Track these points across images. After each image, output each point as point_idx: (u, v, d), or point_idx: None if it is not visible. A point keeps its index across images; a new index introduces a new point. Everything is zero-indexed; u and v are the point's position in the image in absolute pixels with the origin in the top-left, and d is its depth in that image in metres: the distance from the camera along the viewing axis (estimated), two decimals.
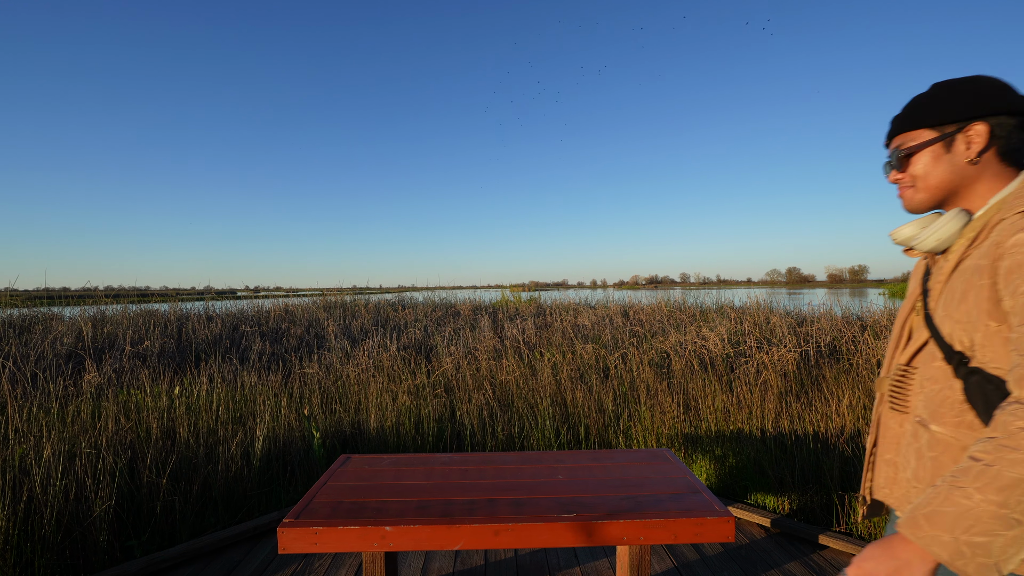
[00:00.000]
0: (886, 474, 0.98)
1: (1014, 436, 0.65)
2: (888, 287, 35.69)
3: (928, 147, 0.87)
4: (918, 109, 0.89)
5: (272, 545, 2.37)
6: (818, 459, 2.67)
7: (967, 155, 0.84)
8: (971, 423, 0.81)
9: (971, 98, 0.83)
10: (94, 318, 6.87)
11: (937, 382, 0.85)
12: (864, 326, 5.72)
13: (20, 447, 2.38)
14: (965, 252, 0.83)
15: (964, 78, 0.86)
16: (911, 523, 0.70)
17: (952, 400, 0.83)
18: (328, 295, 11.97)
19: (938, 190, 0.88)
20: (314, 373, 4.80)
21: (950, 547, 0.65)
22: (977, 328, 0.78)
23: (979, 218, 0.84)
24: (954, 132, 0.85)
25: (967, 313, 0.79)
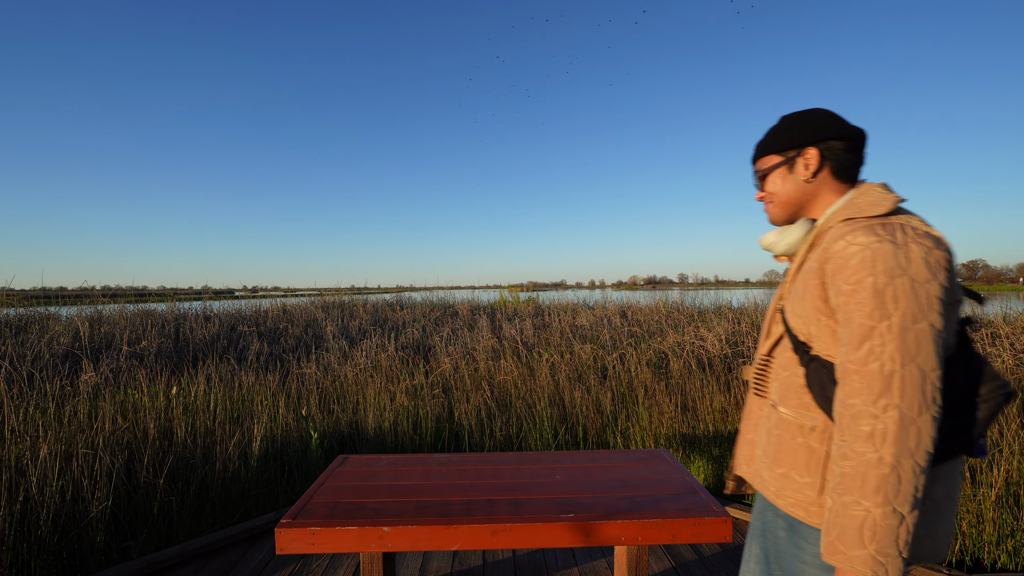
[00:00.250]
0: (746, 452, 1.11)
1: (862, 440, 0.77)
2: None
3: (776, 169, 1.03)
4: (769, 138, 1.05)
5: (270, 546, 2.37)
6: None
7: (805, 175, 1.00)
8: (808, 404, 0.93)
9: (806, 127, 0.99)
10: (91, 318, 6.85)
11: (787, 369, 0.98)
12: None
13: (16, 447, 2.37)
14: (805, 256, 0.97)
15: (804, 111, 1.02)
16: (831, 551, 0.80)
17: (796, 385, 0.96)
18: (326, 295, 11.95)
19: (789, 205, 1.03)
20: (312, 373, 4.79)
21: (869, 560, 0.75)
22: (812, 322, 0.91)
23: (816, 226, 0.98)
24: (794, 156, 1.00)
25: (805, 308, 0.92)
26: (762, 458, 1.02)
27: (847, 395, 0.80)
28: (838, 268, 0.84)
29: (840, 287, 0.83)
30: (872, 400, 0.77)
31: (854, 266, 0.81)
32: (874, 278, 0.79)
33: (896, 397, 0.76)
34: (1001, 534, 2.08)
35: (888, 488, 0.74)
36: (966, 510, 2.17)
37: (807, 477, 0.92)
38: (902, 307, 0.78)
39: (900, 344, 0.77)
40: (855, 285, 0.81)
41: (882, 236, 0.81)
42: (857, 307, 0.80)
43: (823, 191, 1.00)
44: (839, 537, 0.78)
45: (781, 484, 0.96)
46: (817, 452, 0.91)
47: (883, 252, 0.80)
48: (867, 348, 0.78)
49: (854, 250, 0.82)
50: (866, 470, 0.76)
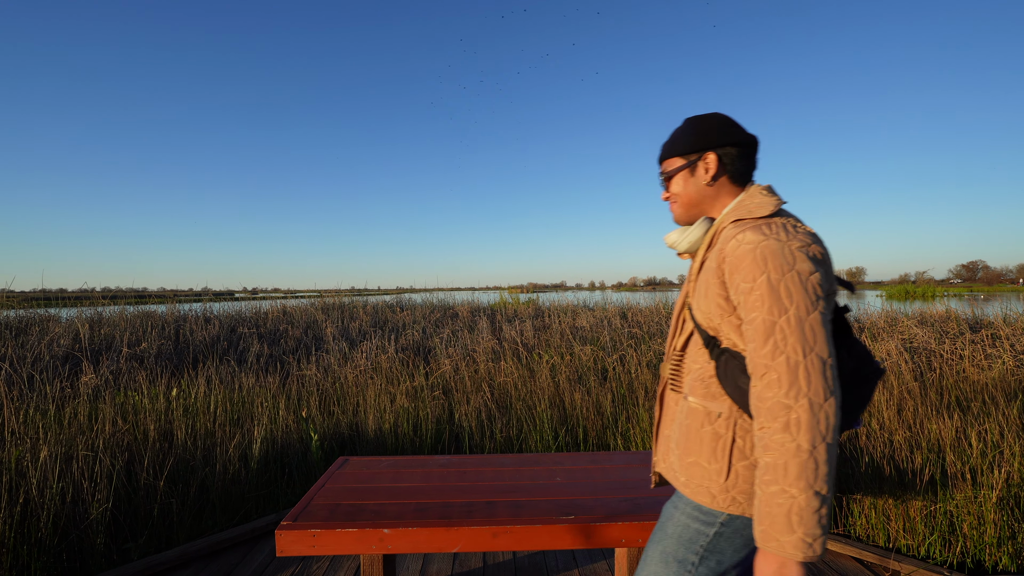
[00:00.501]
0: (664, 447, 1.13)
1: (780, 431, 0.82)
2: (886, 289, 35.74)
3: (680, 172, 1.09)
4: (673, 141, 1.10)
5: (270, 547, 2.37)
6: None
7: (706, 178, 1.06)
8: (715, 393, 0.99)
9: (706, 133, 1.05)
10: (91, 319, 6.85)
11: (698, 363, 1.04)
12: (862, 328, 5.74)
13: (16, 449, 2.37)
14: (705, 255, 1.02)
15: (705, 116, 1.08)
16: (764, 539, 0.85)
17: (706, 376, 1.01)
18: (326, 296, 11.95)
19: (691, 206, 1.10)
20: (312, 375, 4.79)
21: (800, 544, 0.81)
22: (716, 317, 0.97)
23: (713, 226, 1.05)
24: (696, 160, 1.06)
25: (709, 306, 0.97)
26: (675, 449, 1.06)
27: (762, 390, 0.85)
28: (734, 267, 0.91)
29: (739, 285, 0.90)
30: (784, 392, 0.82)
31: (748, 265, 0.88)
32: (767, 275, 0.86)
33: (804, 386, 0.81)
34: (1002, 536, 2.08)
35: (808, 473, 0.80)
36: (967, 512, 2.17)
37: (714, 464, 0.97)
38: (795, 300, 0.85)
39: (800, 336, 0.83)
40: (752, 283, 0.88)
41: (768, 235, 0.89)
42: (757, 304, 0.87)
43: (721, 194, 1.07)
44: (771, 525, 0.83)
45: (691, 473, 1.01)
46: (724, 438, 0.97)
47: (771, 249, 0.88)
48: (772, 344, 0.85)
49: (746, 249, 0.89)
50: (787, 459, 0.81)
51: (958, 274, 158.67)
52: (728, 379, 0.96)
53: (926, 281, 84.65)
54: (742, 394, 0.94)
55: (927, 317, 6.15)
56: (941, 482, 2.31)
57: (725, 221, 1.01)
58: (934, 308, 6.65)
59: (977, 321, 5.89)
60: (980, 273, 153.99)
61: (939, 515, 2.21)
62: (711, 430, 0.99)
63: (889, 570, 2.13)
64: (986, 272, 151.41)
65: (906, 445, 2.64)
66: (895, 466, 2.45)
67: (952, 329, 5.39)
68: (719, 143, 1.04)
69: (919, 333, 5.17)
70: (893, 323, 5.86)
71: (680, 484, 1.04)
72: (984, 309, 6.54)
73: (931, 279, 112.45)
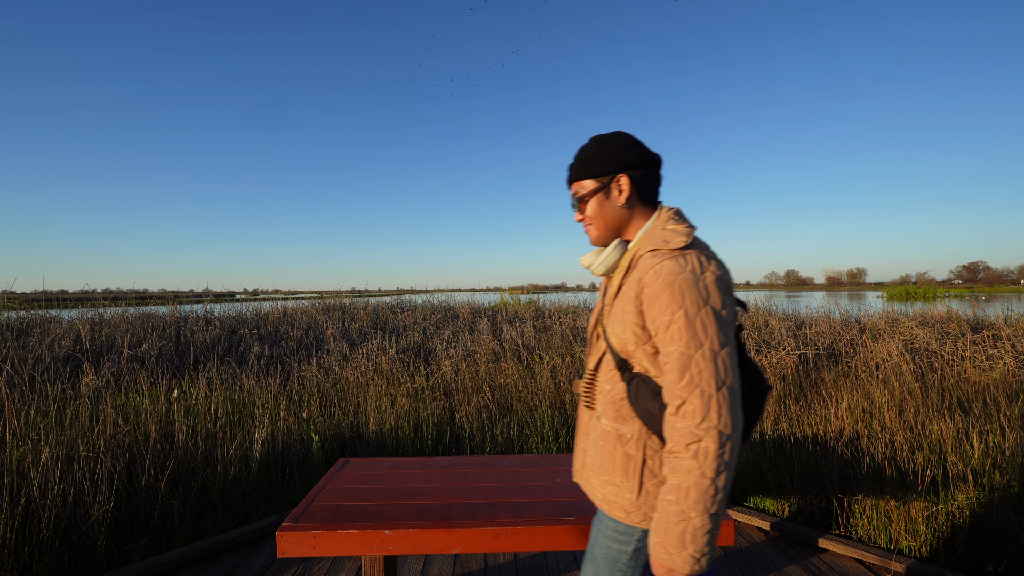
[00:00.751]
0: (580, 461, 1.19)
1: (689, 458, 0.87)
2: (887, 290, 35.69)
3: (594, 195, 1.08)
4: (584, 162, 1.09)
5: (271, 549, 2.37)
6: (817, 462, 2.67)
7: (620, 200, 1.07)
8: (625, 416, 1.04)
9: (617, 154, 1.05)
10: (92, 321, 6.86)
11: (610, 383, 1.07)
12: (863, 329, 5.73)
13: (18, 450, 2.38)
14: (623, 280, 1.04)
15: (611, 135, 1.09)
16: (658, 550, 0.92)
17: (617, 398, 1.05)
18: (327, 298, 11.96)
19: (607, 228, 1.10)
20: (313, 376, 4.79)
21: (688, 559, 0.88)
22: (629, 344, 1.00)
23: (629, 250, 1.06)
24: (609, 183, 1.07)
25: (625, 332, 1.00)
26: (591, 467, 1.12)
27: (676, 419, 0.90)
28: (652, 299, 0.94)
29: (657, 317, 0.93)
30: (696, 423, 0.87)
31: (666, 299, 0.92)
32: (684, 310, 0.90)
33: (715, 419, 0.86)
34: (1004, 537, 2.07)
35: (707, 499, 0.86)
36: (969, 513, 2.17)
37: (627, 483, 1.02)
38: (710, 335, 0.90)
39: (713, 370, 0.88)
40: (671, 316, 0.91)
41: (684, 267, 0.93)
42: (675, 338, 0.91)
43: (635, 215, 1.09)
44: (664, 538, 0.90)
45: (606, 491, 1.07)
46: (635, 459, 1.02)
47: (688, 283, 0.91)
48: (688, 377, 0.89)
49: (664, 282, 0.92)
50: (690, 484, 0.87)
51: (959, 275, 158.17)
52: (639, 403, 1.00)
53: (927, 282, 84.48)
54: (652, 417, 0.98)
55: (928, 318, 6.14)
56: (943, 483, 2.30)
57: (642, 249, 1.02)
58: (935, 309, 6.65)
59: (978, 322, 5.88)
60: (981, 274, 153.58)
61: (941, 516, 2.21)
62: (623, 451, 1.03)
63: (891, 571, 2.12)
64: (987, 273, 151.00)
65: (907, 446, 2.64)
66: (896, 467, 2.45)
67: (953, 330, 5.38)
68: (630, 164, 1.05)
69: (920, 334, 5.16)
70: (894, 324, 5.85)
71: (598, 500, 1.10)
72: (985, 310, 6.53)
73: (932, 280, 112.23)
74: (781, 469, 2.72)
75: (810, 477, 2.64)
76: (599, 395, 1.11)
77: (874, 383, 3.82)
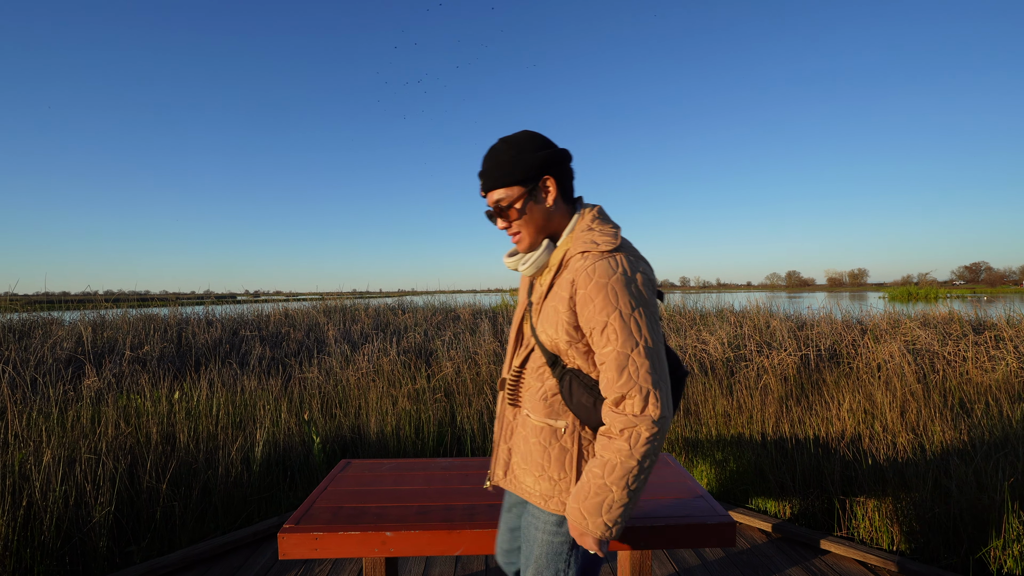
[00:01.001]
0: (502, 463, 1.18)
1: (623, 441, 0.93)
2: (888, 291, 35.62)
3: (523, 200, 1.07)
4: (507, 168, 1.05)
5: (272, 551, 2.37)
6: (819, 463, 2.66)
7: (548, 202, 1.08)
8: (558, 410, 1.07)
9: (538, 156, 1.05)
10: (94, 323, 6.87)
11: (539, 380, 1.09)
12: (864, 330, 5.73)
13: (20, 452, 2.38)
14: (553, 279, 1.07)
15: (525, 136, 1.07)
16: (575, 514, 0.98)
17: (548, 395, 1.08)
18: (328, 299, 11.96)
19: (538, 232, 1.10)
20: (314, 378, 4.79)
21: (601, 526, 0.96)
22: (561, 342, 1.04)
23: (557, 251, 1.09)
24: (536, 185, 1.06)
25: (557, 331, 1.03)
26: (522, 464, 1.12)
27: (619, 410, 0.95)
28: (586, 300, 0.97)
29: (592, 318, 0.97)
30: (634, 413, 0.93)
31: (600, 301, 0.96)
32: (619, 311, 0.95)
33: (652, 411, 0.93)
34: (1007, 539, 2.07)
35: (629, 477, 0.93)
36: (971, 514, 2.16)
37: (565, 475, 1.06)
38: (644, 334, 0.95)
39: (648, 366, 0.94)
40: (606, 318, 0.95)
41: (616, 269, 0.97)
42: (612, 338, 0.95)
43: (558, 215, 1.10)
44: (583, 504, 0.97)
45: (543, 486, 1.08)
46: (570, 452, 1.06)
47: (621, 284, 0.96)
48: (626, 374, 0.94)
49: (598, 284, 0.96)
50: (617, 462, 0.94)
51: (961, 275, 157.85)
52: (572, 397, 1.04)
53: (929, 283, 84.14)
54: (586, 410, 1.02)
55: (930, 319, 6.13)
56: (945, 484, 2.30)
57: (572, 250, 1.04)
58: (937, 310, 6.63)
59: (980, 323, 5.87)
60: (983, 274, 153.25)
61: (943, 518, 2.21)
62: (559, 446, 1.07)
63: (893, 573, 2.12)
64: (989, 273, 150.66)
65: (909, 447, 2.63)
66: (899, 469, 2.44)
67: (955, 331, 5.37)
68: (552, 164, 1.06)
69: (922, 335, 5.15)
70: (896, 325, 5.84)
71: (535, 497, 1.10)
72: (987, 311, 6.52)
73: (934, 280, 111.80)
74: (783, 470, 2.72)
75: (812, 478, 2.63)
76: (526, 392, 1.12)
77: (876, 384, 3.82)
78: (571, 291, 1.01)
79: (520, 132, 1.08)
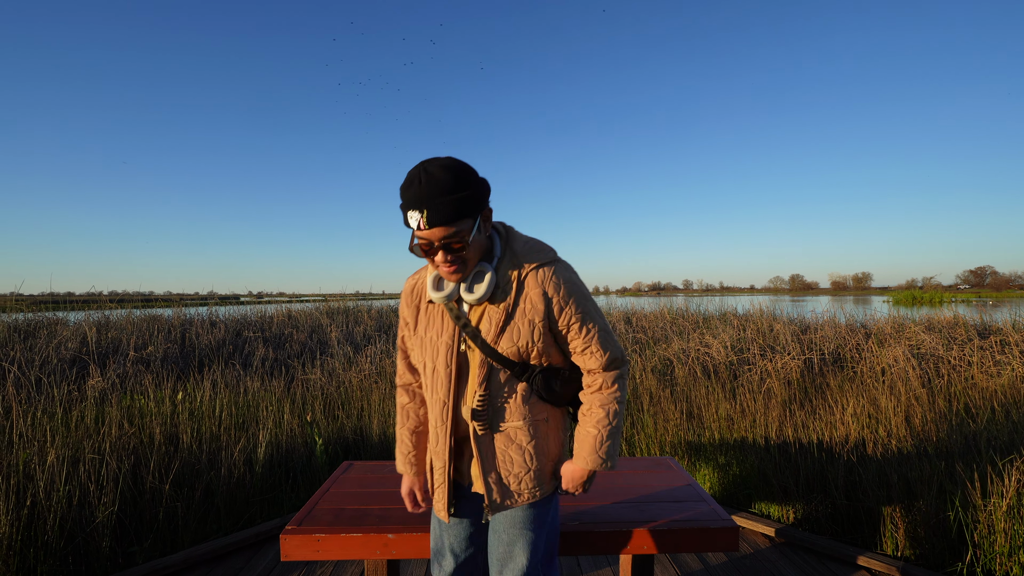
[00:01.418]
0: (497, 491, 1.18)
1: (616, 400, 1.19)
2: (892, 295, 35.45)
3: (468, 232, 1.06)
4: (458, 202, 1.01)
5: (274, 552, 2.37)
6: (823, 468, 2.65)
7: (487, 230, 1.14)
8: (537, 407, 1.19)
9: (482, 186, 1.08)
10: (98, 323, 6.90)
11: (507, 391, 1.16)
12: (868, 334, 5.70)
13: (24, 452, 2.39)
14: (513, 299, 1.12)
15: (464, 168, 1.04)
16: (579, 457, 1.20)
17: (520, 400, 1.17)
18: (331, 301, 11.99)
19: (475, 260, 1.12)
20: (317, 379, 4.80)
21: (597, 461, 1.18)
22: (536, 344, 1.13)
23: (507, 271, 1.13)
24: (478, 216, 1.08)
25: (529, 338, 1.12)
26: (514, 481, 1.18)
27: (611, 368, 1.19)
28: (563, 301, 1.12)
29: (571, 313, 1.14)
30: (619, 367, 1.20)
31: (575, 299, 1.14)
32: (587, 302, 1.16)
33: (624, 372, 1.21)
34: (1013, 545, 2.05)
35: (618, 423, 1.20)
36: (977, 520, 2.14)
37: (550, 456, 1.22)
38: (600, 313, 1.20)
39: (611, 335, 1.20)
40: (583, 310, 1.15)
41: (569, 271, 1.17)
42: (589, 324, 1.16)
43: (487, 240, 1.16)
44: (601, 451, 1.18)
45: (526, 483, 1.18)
46: (557, 432, 1.25)
47: (578, 283, 1.17)
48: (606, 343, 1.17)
49: (568, 288, 1.13)
50: (617, 404, 1.19)
51: (966, 279, 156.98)
52: (547, 388, 1.16)
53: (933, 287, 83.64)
54: (557, 396, 1.19)
55: (935, 323, 6.10)
56: (950, 490, 2.28)
57: (525, 267, 1.13)
58: (942, 314, 6.61)
59: (986, 327, 5.84)
60: (988, 278, 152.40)
61: (948, 524, 2.19)
62: (544, 432, 1.21)
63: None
64: (995, 277, 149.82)
65: (914, 452, 2.62)
66: (903, 474, 2.43)
67: (960, 335, 5.34)
68: (487, 193, 1.10)
69: (926, 339, 5.13)
70: (900, 329, 5.81)
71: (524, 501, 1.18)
72: (993, 315, 6.49)
73: (938, 285, 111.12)
74: (786, 474, 2.71)
75: (816, 483, 2.62)
76: (497, 410, 1.16)
77: (880, 389, 3.80)
78: (544, 302, 1.12)
79: (452, 160, 1.04)
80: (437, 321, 1.19)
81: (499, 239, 1.17)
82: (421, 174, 1.01)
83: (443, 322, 1.18)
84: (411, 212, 1.02)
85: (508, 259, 1.14)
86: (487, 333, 1.12)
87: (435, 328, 1.19)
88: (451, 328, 1.16)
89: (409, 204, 1.02)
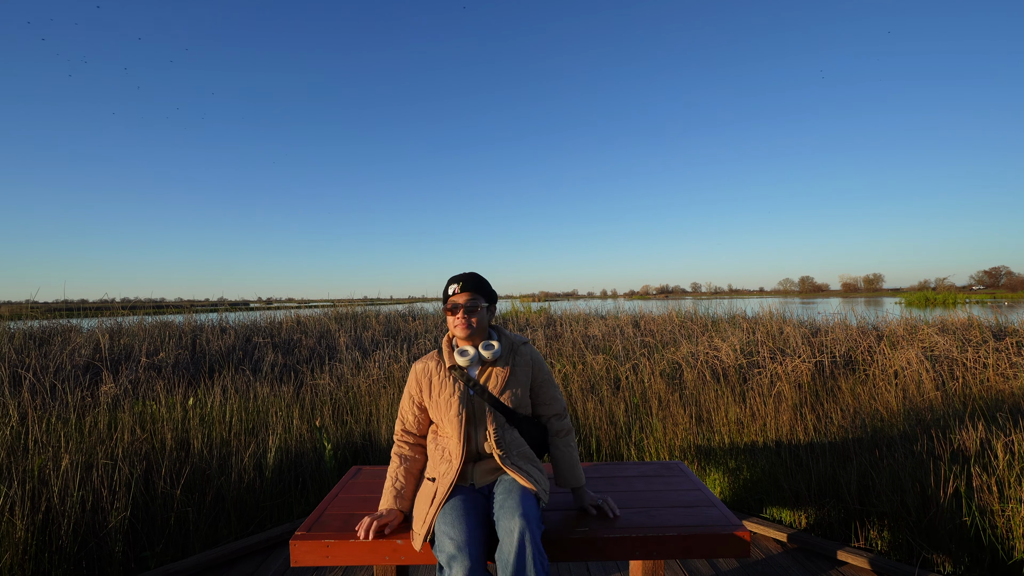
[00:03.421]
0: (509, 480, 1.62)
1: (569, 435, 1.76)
2: (905, 296, 34.95)
3: (485, 308, 1.72)
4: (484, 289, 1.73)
5: (284, 557, 2.38)
6: (835, 472, 2.61)
7: (491, 317, 1.78)
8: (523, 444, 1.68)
9: (494, 294, 1.79)
10: (111, 330, 6.99)
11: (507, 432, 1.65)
12: (880, 336, 5.62)
13: (39, 457, 2.42)
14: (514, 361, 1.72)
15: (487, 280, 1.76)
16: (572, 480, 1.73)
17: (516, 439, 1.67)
18: (339, 306, 12.05)
19: (481, 330, 1.73)
20: (325, 384, 4.83)
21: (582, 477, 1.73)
22: (526, 397, 1.72)
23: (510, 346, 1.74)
24: (491, 304, 1.76)
25: (522, 392, 1.69)
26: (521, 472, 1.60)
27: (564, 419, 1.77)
28: (538, 370, 1.75)
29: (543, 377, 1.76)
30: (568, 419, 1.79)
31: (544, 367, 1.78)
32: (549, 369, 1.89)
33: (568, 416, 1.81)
34: None
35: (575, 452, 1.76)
36: (992, 525, 2.10)
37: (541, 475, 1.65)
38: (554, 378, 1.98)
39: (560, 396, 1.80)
40: (549, 375, 1.78)
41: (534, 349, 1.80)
42: (552, 384, 1.78)
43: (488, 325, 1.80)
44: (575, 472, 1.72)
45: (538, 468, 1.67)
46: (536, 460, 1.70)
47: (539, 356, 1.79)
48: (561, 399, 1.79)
49: (539, 361, 1.77)
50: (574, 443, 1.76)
51: (980, 280, 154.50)
52: (529, 432, 1.70)
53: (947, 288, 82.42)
54: (532, 437, 1.71)
55: (948, 325, 6.00)
56: (966, 495, 2.24)
57: (515, 344, 1.76)
58: (955, 315, 6.50)
59: (1001, 329, 5.73)
60: (1003, 279, 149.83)
61: (964, 529, 2.15)
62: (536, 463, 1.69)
63: None
64: (1010, 278, 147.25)
65: (928, 456, 2.58)
66: (918, 478, 2.39)
67: (975, 337, 5.25)
68: (496, 298, 1.80)
69: (940, 341, 5.05)
70: (913, 331, 5.73)
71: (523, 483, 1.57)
72: (1008, 316, 6.37)
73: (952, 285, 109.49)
74: (797, 479, 2.67)
75: (827, 487, 2.59)
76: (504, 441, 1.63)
77: (892, 392, 3.75)
78: (532, 367, 1.74)
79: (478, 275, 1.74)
80: (449, 384, 1.66)
81: (495, 331, 1.79)
82: (466, 272, 1.74)
83: (454, 385, 1.66)
84: (452, 284, 1.71)
85: (505, 340, 1.75)
86: (493, 388, 1.64)
87: (448, 389, 1.65)
88: (461, 387, 1.65)
89: (453, 280, 1.72)
